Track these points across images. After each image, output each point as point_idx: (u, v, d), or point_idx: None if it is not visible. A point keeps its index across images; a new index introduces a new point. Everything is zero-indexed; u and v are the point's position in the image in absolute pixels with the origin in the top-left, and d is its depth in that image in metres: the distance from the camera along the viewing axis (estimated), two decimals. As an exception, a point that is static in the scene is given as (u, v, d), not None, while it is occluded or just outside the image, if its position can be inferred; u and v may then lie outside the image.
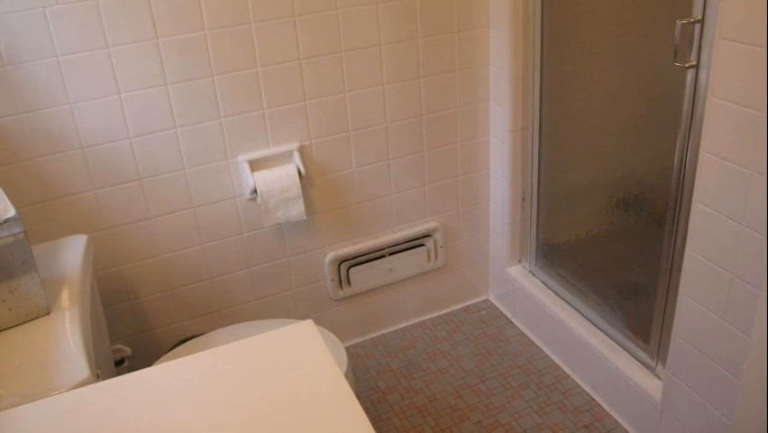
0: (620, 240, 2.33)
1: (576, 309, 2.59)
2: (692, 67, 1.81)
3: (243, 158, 2.35)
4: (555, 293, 2.70)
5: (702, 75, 1.79)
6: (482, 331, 2.90)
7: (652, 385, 2.20)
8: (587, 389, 2.54)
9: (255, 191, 2.35)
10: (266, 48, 2.24)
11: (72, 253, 1.84)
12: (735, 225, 1.68)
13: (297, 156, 2.42)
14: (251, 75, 2.26)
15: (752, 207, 1.62)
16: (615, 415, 2.41)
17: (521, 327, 2.90)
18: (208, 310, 2.56)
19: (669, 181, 2.00)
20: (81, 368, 1.40)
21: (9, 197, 1.57)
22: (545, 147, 2.58)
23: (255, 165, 2.37)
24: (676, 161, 1.95)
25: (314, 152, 2.46)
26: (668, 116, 1.94)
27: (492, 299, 3.10)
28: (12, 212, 1.49)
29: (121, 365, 2.25)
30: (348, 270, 2.73)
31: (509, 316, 2.97)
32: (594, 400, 2.49)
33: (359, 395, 2.61)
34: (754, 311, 1.69)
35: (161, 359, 2.08)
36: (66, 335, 1.50)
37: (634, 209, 2.22)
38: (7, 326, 1.53)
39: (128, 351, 2.27)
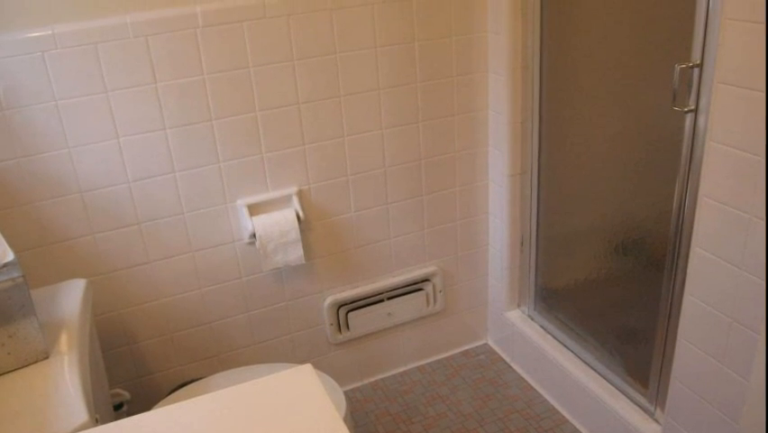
0: (619, 284, 2.33)
1: (575, 354, 2.58)
2: (691, 111, 1.82)
3: (242, 202, 2.36)
4: (554, 338, 2.69)
5: (701, 119, 1.80)
6: (481, 375, 2.89)
7: (650, 430, 2.19)
8: (587, 434, 2.53)
9: (254, 235, 2.35)
10: (265, 92, 2.26)
11: (71, 298, 1.84)
12: (734, 269, 1.68)
13: (295, 200, 2.42)
14: (250, 119, 2.27)
15: (751, 251, 1.62)
16: (616, 461, 2.40)
17: (520, 371, 2.88)
18: (207, 355, 2.55)
19: (668, 226, 2.01)
20: (80, 412, 1.39)
21: (8, 241, 1.57)
22: (544, 191, 2.58)
23: (254, 209, 2.37)
24: (675, 205, 1.95)
25: (312, 196, 2.47)
26: (667, 161, 1.95)
27: (491, 343, 3.09)
28: (10, 256, 1.49)
29: (119, 410, 2.23)
30: (347, 314, 2.72)
31: (508, 360, 2.96)
32: (594, 445, 2.48)
33: (357, 441, 2.59)
34: (752, 356, 1.69)
35: (160, 403, 2.07)
36: (65, 379, 1.50)
37: (633, 254, 2.22)
38: (6, 370, 1.52)
39: (127, 395, 2.25)
